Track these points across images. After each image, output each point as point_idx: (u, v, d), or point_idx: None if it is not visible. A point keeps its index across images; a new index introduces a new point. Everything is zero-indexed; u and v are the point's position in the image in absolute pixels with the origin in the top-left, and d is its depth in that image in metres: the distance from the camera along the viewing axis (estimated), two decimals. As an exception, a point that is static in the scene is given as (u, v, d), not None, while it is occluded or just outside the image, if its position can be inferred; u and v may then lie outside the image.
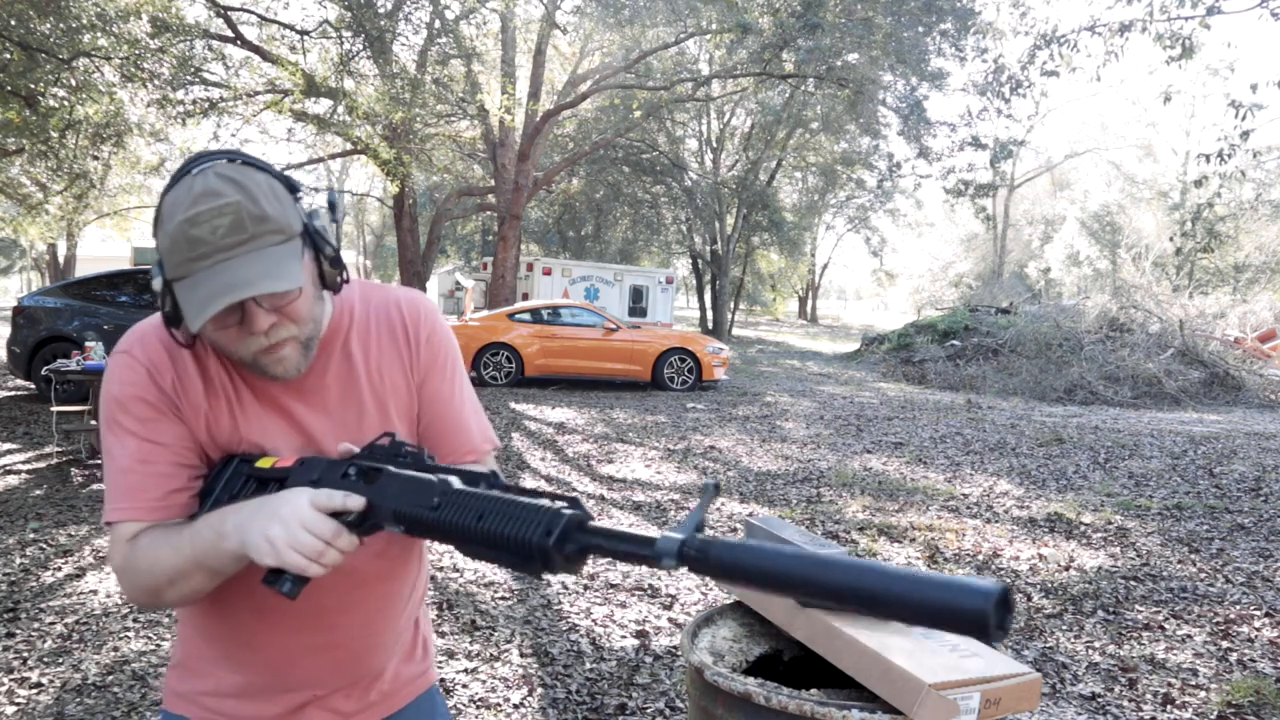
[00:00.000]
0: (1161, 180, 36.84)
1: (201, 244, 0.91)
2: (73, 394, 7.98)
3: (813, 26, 13.40)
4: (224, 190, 0.92)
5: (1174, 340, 14.27)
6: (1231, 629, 3.73)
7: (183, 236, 0.91)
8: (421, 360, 1.16)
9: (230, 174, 0.93)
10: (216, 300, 0.91)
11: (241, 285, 0.91)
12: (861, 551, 4.75)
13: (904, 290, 49.81)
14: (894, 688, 1.40)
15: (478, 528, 0.81)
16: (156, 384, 1.03)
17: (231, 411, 1.06)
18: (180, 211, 0.91)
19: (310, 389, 1.09)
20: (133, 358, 1.04)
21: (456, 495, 0.85)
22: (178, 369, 1.04)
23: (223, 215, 0.91)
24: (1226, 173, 7.60)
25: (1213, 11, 7.60)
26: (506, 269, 16.93)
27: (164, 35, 10.32)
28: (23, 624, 3.47)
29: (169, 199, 0.94)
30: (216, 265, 0.91)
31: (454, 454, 1.18)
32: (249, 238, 0.92)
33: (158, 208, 0.96)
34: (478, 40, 16.63)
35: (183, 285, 0.93)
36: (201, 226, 0.90)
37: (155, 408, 1.03)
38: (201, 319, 0.91)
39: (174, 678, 1.17)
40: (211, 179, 0.92)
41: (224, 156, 0.97)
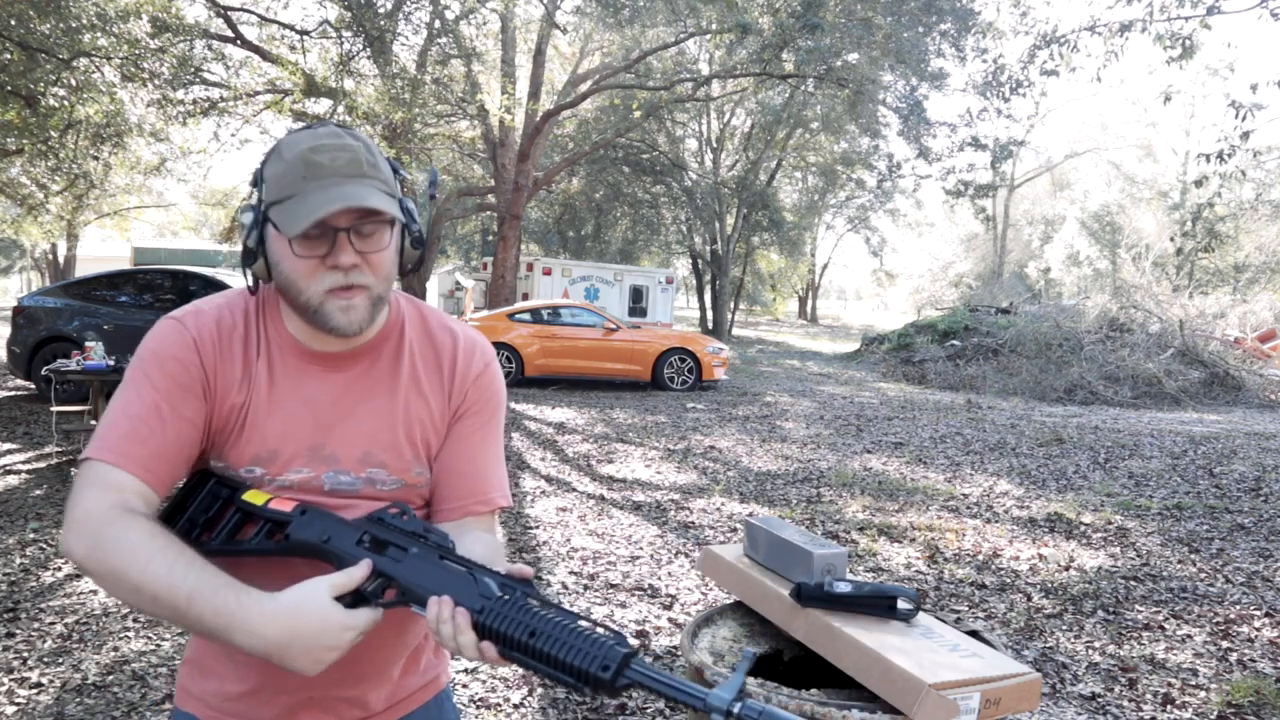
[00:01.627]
0: (1161, 180, 36.85)
1: (320, 168, 0.98)
2: (73, 394, 7.99)
3: (813, 26, 13.39)
4: (346, 137, 1.02)
5: (1174, 340, 14.27)
6: (1231, 629, 3.73)
7: (301, 160, 0.98)
8: (466, 400, 1.16)
9: (353, 131, 1.04)
10: (325, 206, 0.96)
11: (351, 197, 0.97)
12: (862, 551, 4.75)
13: (904, 290, 49.82)
14: (894, 688, 1.40)
15: (530, 644, 0.85)
16: (199, 355, 1.04)
17: (260, 405, 1.06)
18: (303, 144, 1.00)
19: (344, 388, 1.09)
20: (183, 325, 1.05)
21: (503, 605, 0.87)
22: (221, 352, 1.05)
23: (344, 151, 1.00)
24: (1226, 173, 7.60)
25: (1213, 11, 7.60)
26: (506, 269, 16.93)
27: (164, 35, 10.32)
28: (23, 624, 3.47)
29: (289, 139, 1.02)
30: (329, 185, 0.98)
31: (465, 500, 1.15)
32: (362, 174, 1.00)
33: (273, 148, 1.04)
34: (478, 40, 16.62)
35: (287, 203, 0.98)
36: (323, 155, 0.99)
37: (187, 375, 1.03)
38: (306, 222, 0.95)
39: (185, 674, 1.17)
40: (334, 129, 1.03)
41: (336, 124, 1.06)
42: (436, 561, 0.93)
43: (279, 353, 1.08)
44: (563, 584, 4.13)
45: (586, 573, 4.30)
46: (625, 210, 26.19)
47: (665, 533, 5.07)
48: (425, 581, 0.92)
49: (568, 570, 4.34)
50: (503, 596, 0.88)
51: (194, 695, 1.15)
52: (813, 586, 1.65)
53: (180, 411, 1.02)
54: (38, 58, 9.07)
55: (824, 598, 1.63)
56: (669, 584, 4.18)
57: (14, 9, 8.51)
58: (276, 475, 1.07)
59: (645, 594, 4.03)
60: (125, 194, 21.03)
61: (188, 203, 31.14)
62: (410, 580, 0.92)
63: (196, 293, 9.16)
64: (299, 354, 1.08)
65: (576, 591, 4.04)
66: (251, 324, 1.08)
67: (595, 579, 4.21)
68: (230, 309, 1.09)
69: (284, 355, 1.08)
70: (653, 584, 4.17)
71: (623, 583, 4.18)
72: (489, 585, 0.89)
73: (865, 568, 4.49)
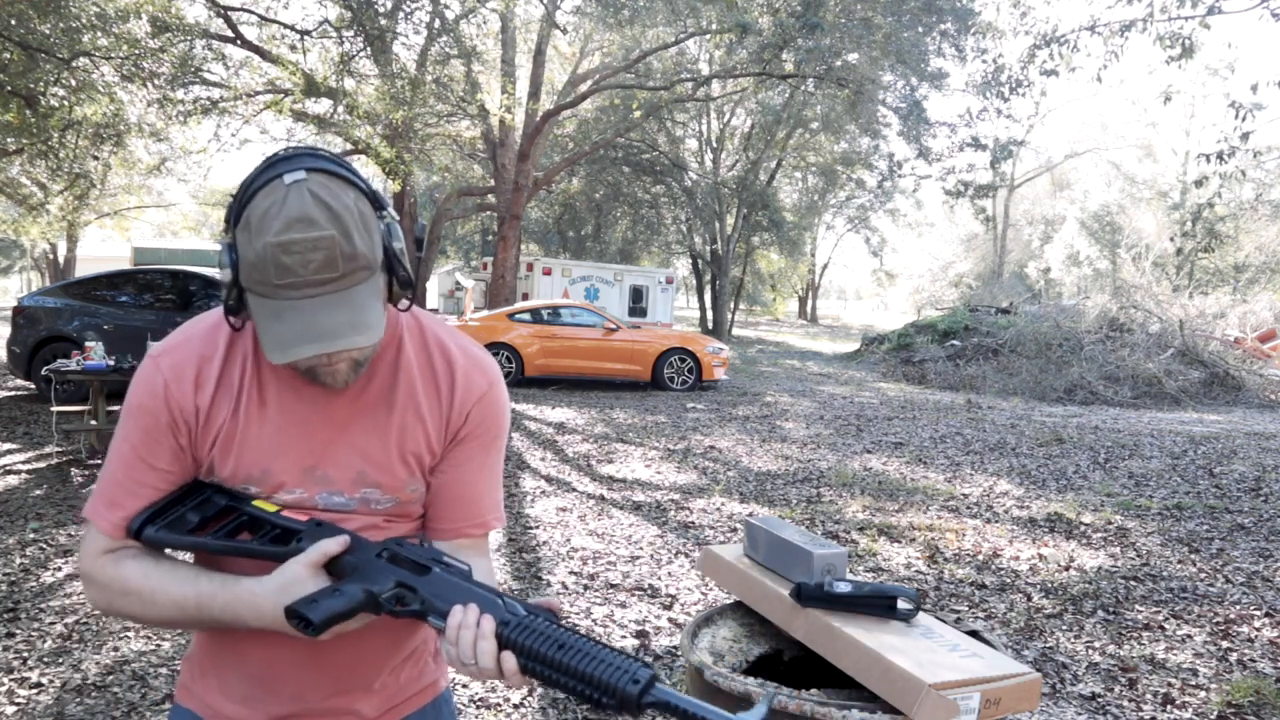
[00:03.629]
0: (1161, 180, 36.85)
1: (291, 274, 0.91)
2: (73, 394, 7.99)
3: (813, 26, 13.39)
4: (318, 219, 0.91)
5: (1174, 340, 14.27)
6: (1231, 629, 3.73)
7: (272, 260, 0.90)
8: (467, 423, 1.13)
9: (324, 196, 0.92)
10: (303, 346, 0.92)
11: (329, 335, 0.92)
12: (862, 551, 4.75)
13: (904, 290, 49.82)
14: (894, 688, 1.40)
15: (557, 657, 0.86)
16: (166, 399, 1.02)
17: (250, 428, 1.05)
18: (271, 230, 0.90)
19: (338, 407, 1.07)
20: (157, 367, 1.04)
21: (529, 620, 0.89)
22: (201, 383, 1.03)
23: (316, 250, 0.90)
24: (1226, 173, 7.59)
25: (1213, 11, 7.60)
26: (506, 269, 16.93)
27: (164, 35, 10.31)
28: (23, 624, 3.47)
29: (258, 206, 0.92)
30: (304, 301, 0.92)
31: (460, 523, 1.15)
32: (339, 276, 0.92)
33: (240, 204, 0.94)
34: (478, 40, 16.62)
35: (263, 305, 0.93)
36: (294, 256, 0.90)
37: (156, 424, 1.03)
38: (283, 359, 0.93)
39: (185, 671, 1.18)
40: (307, 201, 0.91)
41: (312, 159, 0.95)
42: (460, 580, 0.94)
43: (269, 373, 1.06)
44: (563, 584, 4.13)
45: (586, 573, 4.30)
46: (625, 210, 26.20)
47: (665, 533, 5.07)
48: (449, 595, 0.92)
49: (568, 570, 4.34)
50: (528, 615, 0.90)
51: (193, 693, 1.16)
52: (813, 586, 1.66)
53: (155, 464, 1.04)
54: (38, 58, 9.06)
55: (824, 598, 1.64)
56: (669, 584, 4.18)
57: (14, 9, 8.51)
58: (270, 495, 1.06)
59: (645, 594, 4.03)
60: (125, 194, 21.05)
61: (188, 203, 31.14)
62: (433, 592, 0.93)
63: (196, 293, 9.16)
64: (290, 375, 1.06)
65: (576, 591, 4.04)
66: (236, 346, 1.06)
67: (595, 579, 4.21)
68: (216, 332, 1.06)
69: (275, 376, 1.06)
70: (653, 584, 4.17)
71: (623, 583, 4.18)
72: (515, 606, 0.91)
73: (865, 568, 4.49)
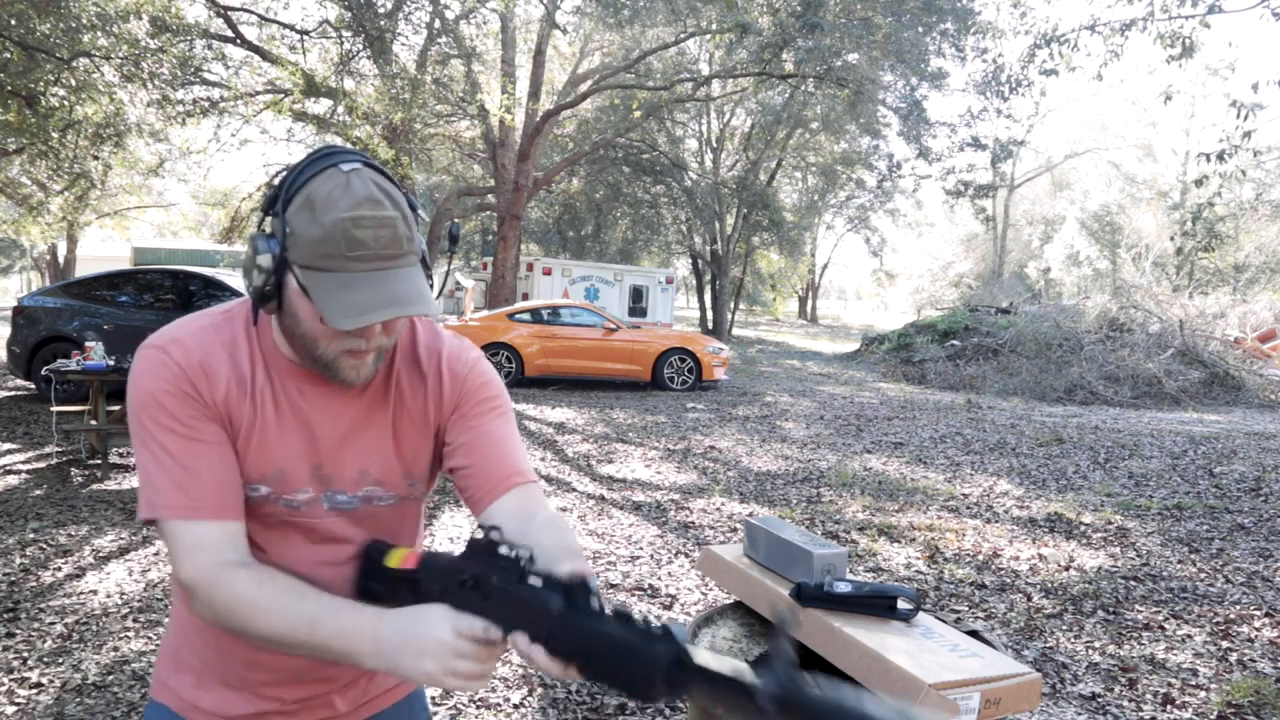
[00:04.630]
0: (1161, 180, 36.86)
1: (363, 246, 0.95)
2: (73, 394, 7.99)
3: (813, 26, 13.39)
4: (383, 201, 0.97)
5: (1174, 340, 14.27)
6: (1231, 629, 3.73)
7: (342, 233, 0.94)
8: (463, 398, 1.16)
9: (384, 185, 0.98)
10: (379, 310, 0.95)
11: (403, 302, 0.96)
12: (862, 551, 4.75)
13: (904, 290, 49.83)
14: (894, 688, 1.40)
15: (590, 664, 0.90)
16: (193, 384, 1.02)
17: (264, 428, 1.06)
18: (341, 207, 0.94)
19: (340, 407, 1.10)
20: (169, 356, 1.02)
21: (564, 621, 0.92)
22: (212, 380, 1.03)
23: (384, 227, 0.96)
24: (1226, 172, 7.59)
25: (1213, 10, 7.60)
26: (506, 269, 16.93)
27: (164, 35, 10.31)
28: (23, 624, 3.47)
29: (322, 188, 0.96)
30: (374, 273, 0.96)
31: (503, 479, 1.15)
32: (402, 254, 0.98)
33: (289, 190, 0.97)
34: (478, 40, 16.62)
35: (329, 279, 0.95)
36: (365, 230, 0.95)
37: (197, 405, 1.02)
38: (358, 323, 0.94)
39: (161, 666, 1.18)
40: (371, 186, 0.96)
41: (359, 159, 1.00)
42: (513, 588, 0.95)
43: (277, 373, 1.07)
44: (563, 584, 4.13)
45: (586, 573, 4.30)
46: (625, 210, 26.19)
47: (665, 533, 5.07)
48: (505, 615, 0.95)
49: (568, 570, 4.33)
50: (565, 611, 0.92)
51: (169, 688, 1.16)
52: (813, 586, 1.66)
53: (208, 439, 1.02)
54: (38, 58, 9.06)
55: (824, 598, 1.64)
56: (669, 584, 4.18)
57: (14, 9, 8.51)
58: (283, 494, 1.08)
59: (645, 594, 4.03)
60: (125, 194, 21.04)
61: (188, 203, 31.13)
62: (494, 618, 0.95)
63: (196, 293, 9.16)
64: (295, 374, 1.08)
65: (576, 591, 4.04)
66: (241, 345, 1.06)
67: (595, 579, 4.21)
68: (215, 331, 1.06)
69: (282, 376, 1.07)
70: (653, 584, 4.17)
71: (623, 583, 4.18)
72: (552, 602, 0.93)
73: (865, 568, 4.49)
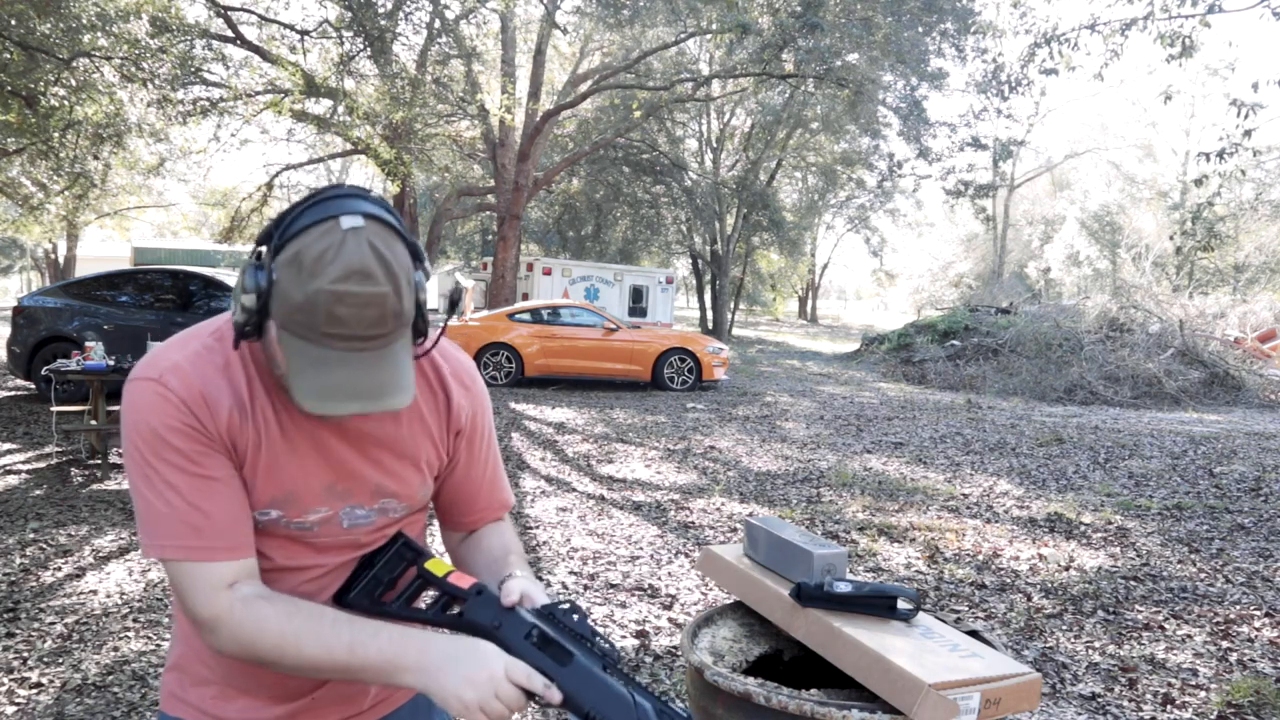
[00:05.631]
0: (1161, 180, 36.86)
1: (342, 325, 0.89)
2: (73, 394, 7.99)
3: (813, 26, 13.39)
4: (376, 273, 0.90)
5: (1174, 340, 14.27)
6: (1231, 629, 3.73)
7: (323, 308, 0.88)
8: (464, 420, 1.17)
9: (382, 249, 0.91)
10: (346, 403, 0.91)
11: (372, 395, 0.92)
12: (862, 551, 4.75)
13: (904, 290, 49.82)
14: (894, 688, 1.40)
15: None
16: (194, 415, 0.97)
17: (270, 450, 1.03)
18: (327, 276, 0.88)
19: (350, 424, 1.07)
20: (168, 389, 0.97)
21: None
22: (213, 408, 0.99)
23: (371, 305, 0.89)
24: (1226, 172, 7.59)
25: (1213, 10, 7.60)
26: (506, 269, 16.93)
27: (164, 35, 10.31)
28: (23, 624, 3.47)
29: (312, 246, 0.89)
30: (350, 354, 0.91)
31: (483, 513, 1.22)
32: (386, 333, 0.92)
33: (283, 234, 0.92)
34: (478, 40, 16.63)
35: (305, 349, 0.91)
36: (348, 307, 0.88)
37: (202, 439, 0.98)
38: (319, 410, 0.91)
39: (173, 681, 1.17)
40: (366, 252, 0.90)
41: (369, 204, 0.94)
42: (598, 674, 0.95)
43: (277, 393, 1.03)
44: (563, 584, 4.13)
45: (586, 573, 4.30)
46: (625, 210, 26.19)
47: (665, 533, 5.07)
48: (586, 694, 0.94)
49: (568, 570, 4.34)
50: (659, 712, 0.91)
51: (187, 703, 1.15)
52: (813, 586, 1.65)
53: (217, 475, 0.99)
54: (38, 58, 9.06)
55: (824, 598, 1.63)
56: (669, 584, 4.18)
57: (14, 9, 8.51)
58: (295, 518, 1.06)
59: (645, 594, 4.03)
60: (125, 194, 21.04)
61: (188, 203, 31.16)
62: (571, 689, 0.95)
63: (196, 293, 9.16)
64: None
65: (576, 591, 4.04)
66: (236, 368, 1.02)
67: (595, 579, 4.21)
68: (209, 355, 1.01)
69: (283, 396, 1.03)
70: (653, 584, 4.17)
71: (623, 583, 4.17)
72: (646, 709, 0.91)
73: (865, 568, 4.49)
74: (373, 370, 0.92)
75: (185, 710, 1.15)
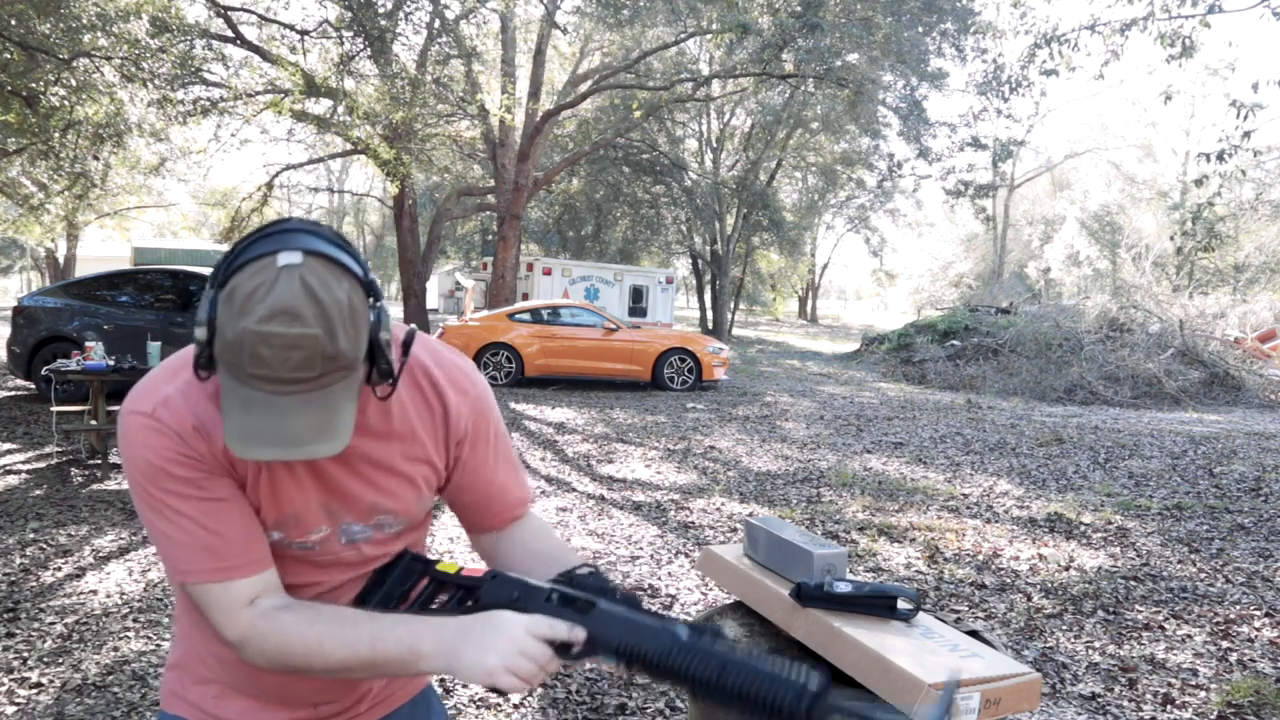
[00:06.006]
0: (1161, 180, 36.87)
1: (265, 367, 0.87)
2: (73, 394, 7.98)
3: (813, 26, 13.39)
4: (304, 314, 0.86)
5: (1174, 340, 14.27)
6: (1231, 629, 3.73)
7: (249, 348, 0.86)
8: (467, 429, 1.14)
9: (316, 287, 0.87)
10: (266, 448, 0.89)
11: (293, 441, 0.89)
12: (862, 551, 4.75)
13: (904, 290, 49.83)
14: (894, 687, 1.40)
15: (720, 681, 0.85)
16: (192, 446, 0.98)
17: (269, 472, 1.02)
18: (253, 316, 0.85)
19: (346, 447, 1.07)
20: (160, 423, 0.97)
21: (691, 646, 0.89)
22: (211, 435, 0.99)
23: (296, 348, 0.86)
24: (1226, 172, 7.59)
25: (1213, 10, 7.60)
26: (506, 269, 16.93)
27: (164, 35, 10.32)
28: (23, 624, 3.47)
29: (245, 283, 0.87)
30: (275, 397, 0.88)
31: (503, 514, 1.20)
32: (315, 376, 0.88)
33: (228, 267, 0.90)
34: (478, 40, 16.63)
35: (233, 388, 0.90)
36: (271, 350, 0.86)
37: (202, 465, 0.99)
38: (242, 454, 0.89)
39: (174, 679, 1.17)
40: (296, 291, 0.86)
41: (313, 239, 0.91)
42: (625, 613, 0.94)
43: None
44: (563, 584, 4.13)
45: (586, 573, 4.30)
46: (625, 210, 26.20)
47: (665, 533, 5.07)
48: (613, 631, 0.93)
49: (568, 570, 4.34)
50: (696, 643, 0.89)
51: (187, 701, 1.15)
52: (813, 586, 1.66)
53: (223, 495, 1.00)
54: (38, 58, 9.06)
55: (824, 598, 1.64)
56: (669, 584, 4.18)
57: (14, 9, 8.52)
58: (297, 538, 1.06)
59: (645, 594, 4.03)
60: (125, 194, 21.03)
61: (188, 203, 31.18)
62: (597, 630, 0.94)
63: (196, 293, 9.16)
64: None
65: (576, 591, 4.04)
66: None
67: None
68: (200, 384, 0.99)
69: None
70: (653, 584, 4.17)
71: (623, 583, 4.18)
72: (675, 632, 0.90)
73: (865, 568, 4.49)
74: (299, 415, 0.89)
75: (185, 709, 1.15)
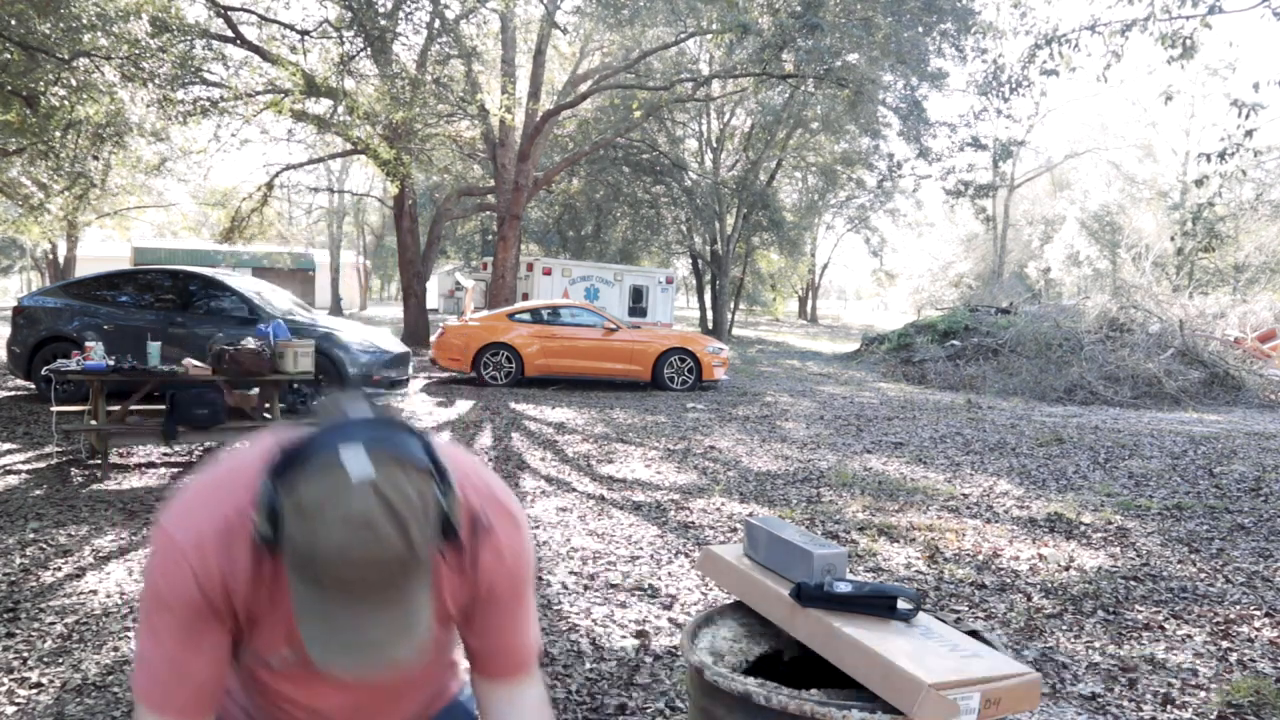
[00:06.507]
0: (1161, 180, 36.86)
1: (348, 585, 0.87)
2: (73, 394, 7.98)
3: (813, 26, 13.38)
4: (383, 526, 0.85)
5: (1174, 340, 14.27)
6: (1231, 629, 3.73)
7: (324, 563, 0.86)
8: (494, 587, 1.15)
9: (391, 496, 0.87)
10: (348, 656, 0.90)
11: (376, 647, 0.90)
12: (862, 551, 4.75)
13: (904, 290, 49.83)
14: (894, 688, 1.40)
15: None
16: (200, 588, 1.00)
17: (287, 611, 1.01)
18: (327, 527, 0.85)
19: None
20: (186, 561, 1.00)
21: None
22: (234, 563, 1.01)
23: (377, 563, 0.86)
24: (1227, 172, 7.59)
25: (1214, 10, 7.60)
26: (506, 269, 16.93)
27: (164, 35, 10.31)
28: (23, 624, 3.47)
29: (313, 489, 0.87)
30: (357, 608, 0.89)
31: (507, 668, 1.23)
32: (395, 588, 0.89)
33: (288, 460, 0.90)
34: (478, 40, 16.63)
35: (307, 592, 0.90)
36: (353, 568, 0.86)
37: (204, 611, 1.02)
38: (325, 667, 0.91)
39: None
40: (372, 503, 0.86)
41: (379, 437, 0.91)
42: None
43: None
44: (563, 584, 4.13)
45: (586, 573, 4.30)
46: (625, 210, 26.20)
47: (665, 533, 5.07)
48: None
49: (568, 570, 4.34)
50: None
51: None
52: (813, 586, 1.65)
53: (200, 647, 1.03)
54: (38, 58, 9.06)
55: (824, 598, 1.64)
56: (669, 584, 4.18)
57: (14, 9, 8.51)
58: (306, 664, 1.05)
59: (645, 594, 4.03)
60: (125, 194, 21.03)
61: (188, 203, 31.10)
62: None
63: (196, 293, 9.15)
64: None
65: (576, 591, 4.04)
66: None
67: (595, 579, 4.21)
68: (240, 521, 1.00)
69: None
70: (653, 584, 4.17)
71: (623, 583, 4.17)
72: None
73: (865, 568, 4.49)
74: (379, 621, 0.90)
75: None
